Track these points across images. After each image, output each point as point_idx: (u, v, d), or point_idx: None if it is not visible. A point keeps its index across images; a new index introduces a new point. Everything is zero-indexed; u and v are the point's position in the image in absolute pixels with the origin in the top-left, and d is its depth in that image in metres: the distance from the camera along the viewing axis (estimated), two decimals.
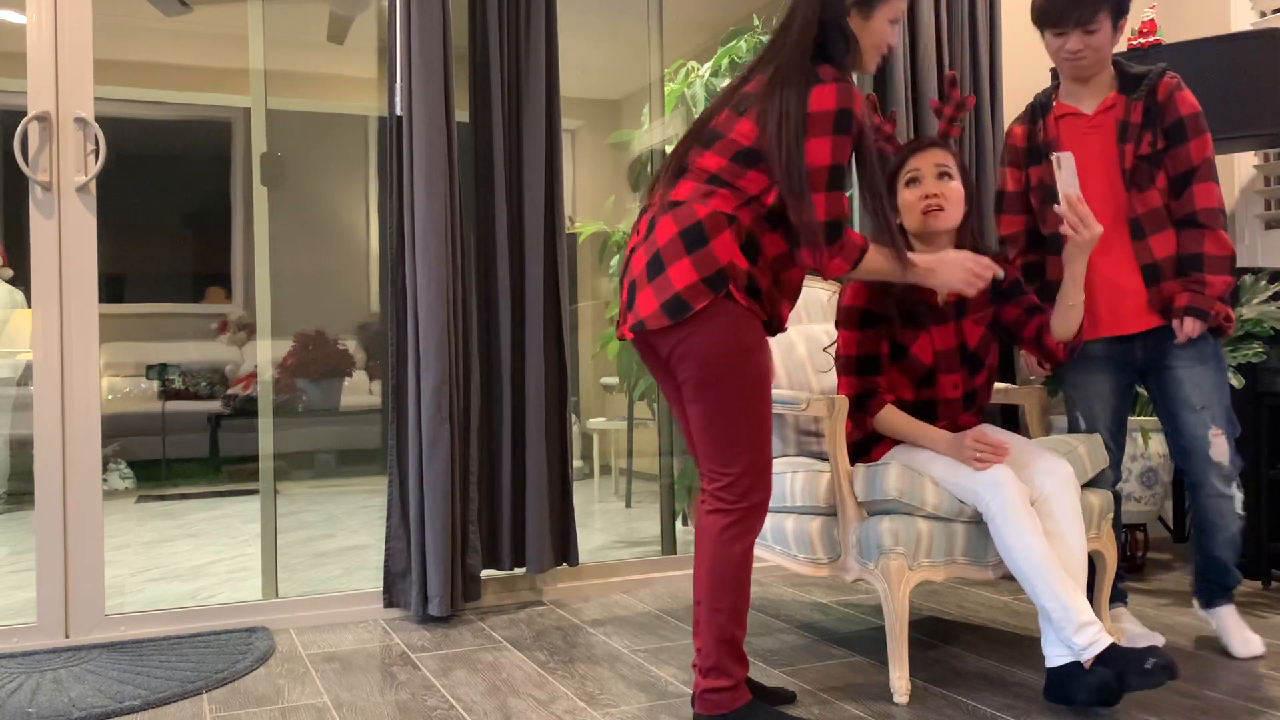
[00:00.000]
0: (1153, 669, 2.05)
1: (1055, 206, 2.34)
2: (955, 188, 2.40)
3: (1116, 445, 2.71)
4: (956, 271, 2.18)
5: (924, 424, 2.38)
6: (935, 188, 2.39)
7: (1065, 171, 2.29)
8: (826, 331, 2.93)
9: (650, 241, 2.04)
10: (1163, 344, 2.57)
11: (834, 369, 2.83)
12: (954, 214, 2.41)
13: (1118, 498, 2.75)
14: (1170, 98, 2.52)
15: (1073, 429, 2.73)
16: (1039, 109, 2.69)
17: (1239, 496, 2.55)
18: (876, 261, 2.10)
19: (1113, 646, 2.11)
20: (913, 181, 2.43)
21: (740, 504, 2.01)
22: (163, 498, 5.89)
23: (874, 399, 2.39)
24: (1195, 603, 2.69)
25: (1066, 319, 2.42)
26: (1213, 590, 2.63)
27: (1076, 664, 2.12)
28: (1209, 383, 2.53)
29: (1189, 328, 2.47)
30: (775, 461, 2.63)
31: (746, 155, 2.03)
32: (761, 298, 2.04)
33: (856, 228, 3.72)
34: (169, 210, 7.13)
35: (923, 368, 2.44)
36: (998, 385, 2.89)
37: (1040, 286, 2.70)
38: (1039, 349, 2.48)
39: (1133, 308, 2.58)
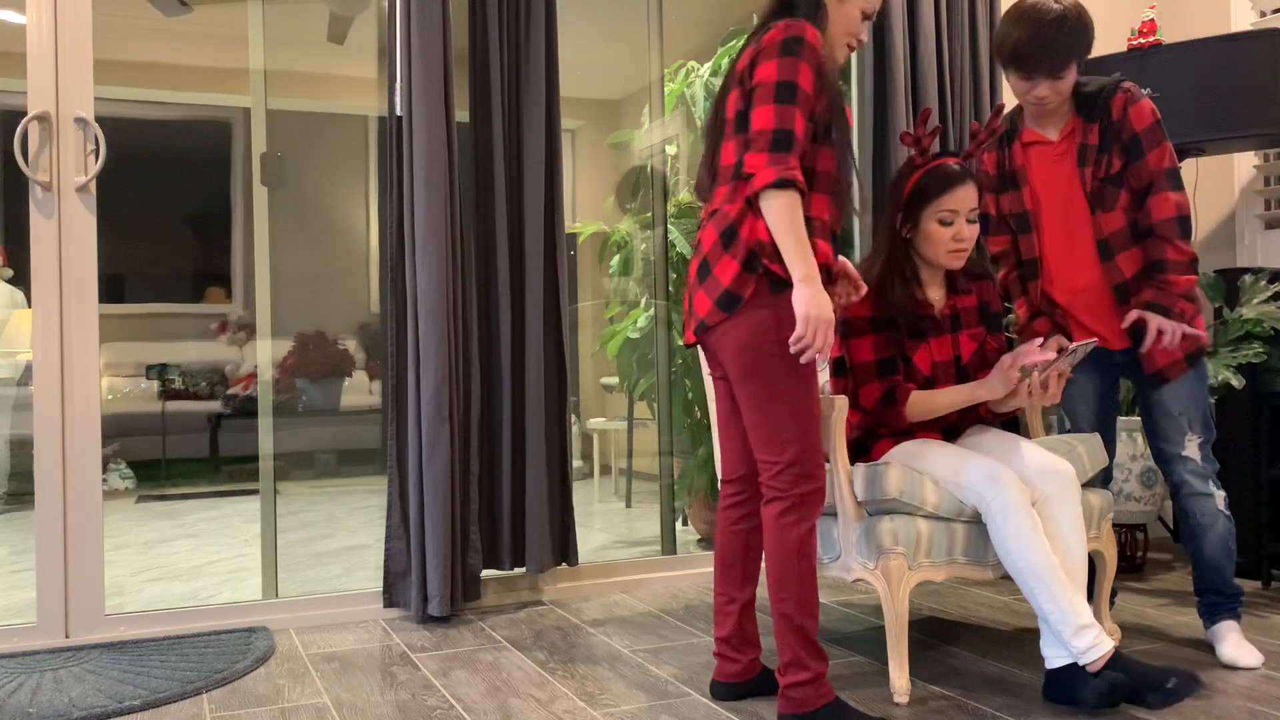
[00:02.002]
0: (1175, 688, 2.09)
1: (1037, 373, 2.33)
2: (976, 229, 2.45)
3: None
4: (812, 307, 1.95)
5: (955, 387, 2.41)
6: (967, 232, 2.43)
7: (1077, 355, 2.32)
8: None
9: (699, 251, 2.13)
10: (1138, 357, 2.61)
11: (826, 366, 2.84)
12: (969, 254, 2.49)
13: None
14: (1125, 114, 2.51)
15: (1061, 426, 2.78)
16: (1005, 136, 2.69)
17: (1220, 495, 2.56)
18: (795, 208, 1.95)
19: (1119, 655, 2.13)
20: (945, 222, 2.43)
21: (792, 491, 2.04)
22: (163, 498, 5.89)
23: (899, 390, 2.41)
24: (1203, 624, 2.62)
25: (999, 410, 2.53)
26: (1214, 605, 2.58)
27: (1077, 666, 2.13)
28: (1185, 390, 2.56)
29: (1155, 333, 2.47)
30: None
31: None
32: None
33: (858, 249, 3.72)
34: (169, 210, 7.13)
35: (921, 377, 2.47)
36: None
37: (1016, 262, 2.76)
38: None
39: (1108, 327, 2.63)
